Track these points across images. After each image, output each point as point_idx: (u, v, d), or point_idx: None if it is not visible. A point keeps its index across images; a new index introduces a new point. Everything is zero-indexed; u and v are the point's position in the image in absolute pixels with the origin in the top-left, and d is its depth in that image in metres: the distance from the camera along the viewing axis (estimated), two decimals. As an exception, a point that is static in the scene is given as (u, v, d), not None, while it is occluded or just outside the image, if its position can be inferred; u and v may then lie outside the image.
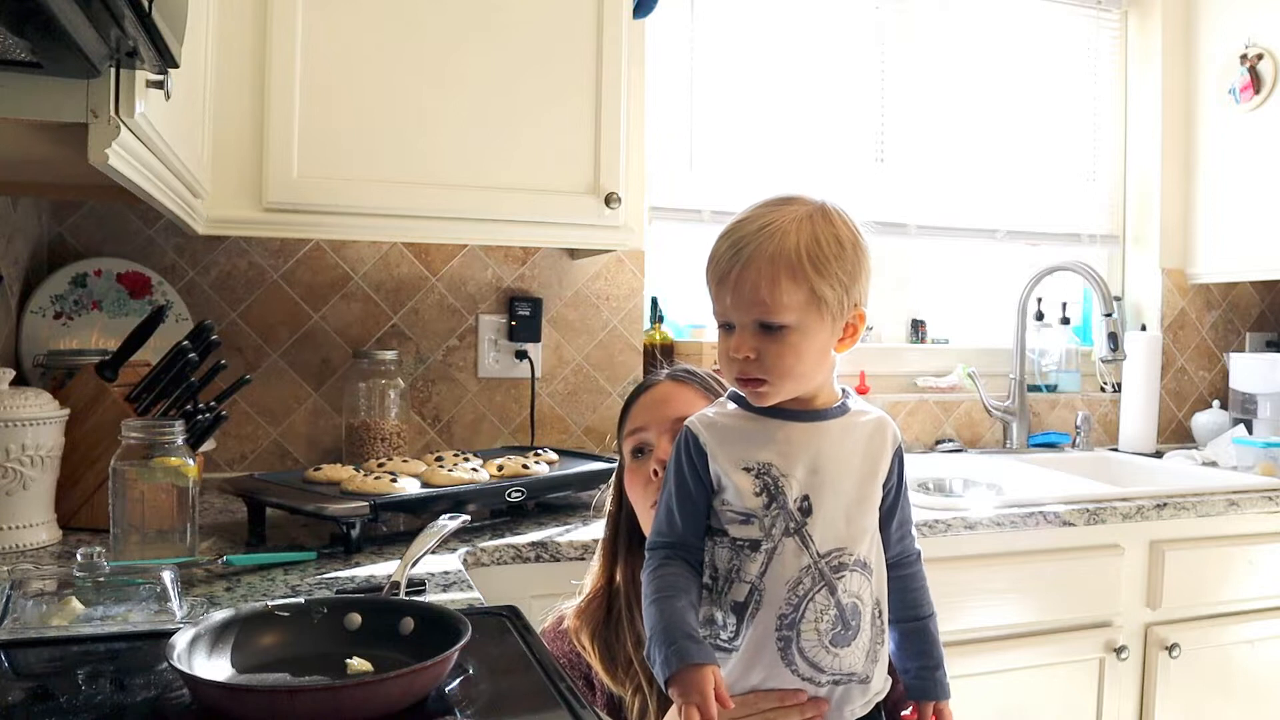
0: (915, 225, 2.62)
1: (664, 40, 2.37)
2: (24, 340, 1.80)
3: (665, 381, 1.18)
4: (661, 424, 1.13)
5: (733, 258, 0.90)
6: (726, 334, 0.93)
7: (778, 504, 0.90)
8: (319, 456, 2.04)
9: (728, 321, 0.93)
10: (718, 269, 0.92)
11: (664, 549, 0.95)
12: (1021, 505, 1.83)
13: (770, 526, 0.90)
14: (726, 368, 0.94)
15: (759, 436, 0.93)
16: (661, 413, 1.14)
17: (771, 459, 0.91)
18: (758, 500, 0.91)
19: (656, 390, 1.17)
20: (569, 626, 1.17)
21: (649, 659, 0.90)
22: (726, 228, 0.95)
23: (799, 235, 0.90)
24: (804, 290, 0.89)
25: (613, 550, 1.19)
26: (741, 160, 2.46)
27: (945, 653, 1.04)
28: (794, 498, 0.90)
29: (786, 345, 0.90)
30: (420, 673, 0.79)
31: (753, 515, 0.91)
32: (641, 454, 1.14)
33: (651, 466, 1.12)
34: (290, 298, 2.03)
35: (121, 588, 1.06)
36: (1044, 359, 2.74)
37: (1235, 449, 2.32)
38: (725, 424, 0.95)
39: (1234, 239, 2.63)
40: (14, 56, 0.83)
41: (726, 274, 0.91)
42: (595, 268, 2.26)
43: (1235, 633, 2.00)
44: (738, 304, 0.90)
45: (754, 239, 0.90)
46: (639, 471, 1.14)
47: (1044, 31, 2.76)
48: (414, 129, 1.73)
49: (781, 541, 0.90)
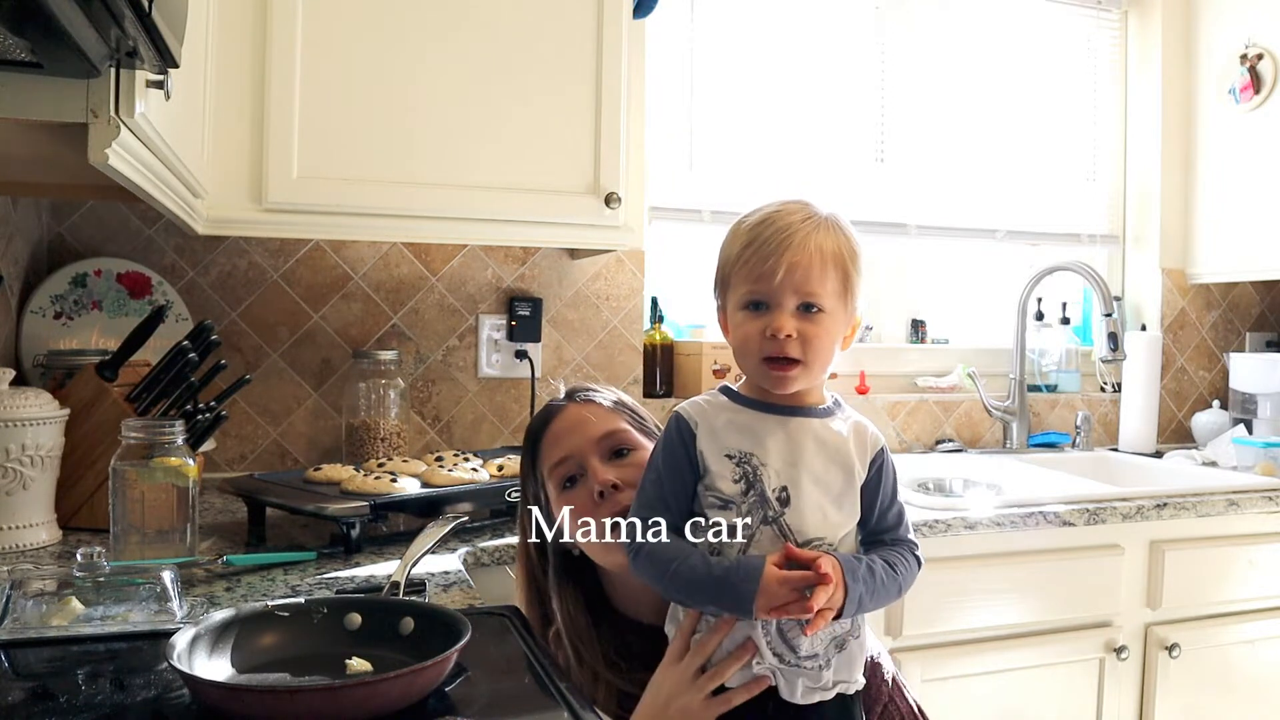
0: (915, 225, 2.62)
1: (664, 40, 2.37)
2: (24, 340, 1.80)
3: (571, 405, 1.14)
4: (588, 446, 1.10)
5: (783, 241, 0.94)
6: (756, 314, 0.95)
7: (755, 492, 0.94)
8: (319, 456, 2.04)
9: (761, 301, 0.95)
10: (763, 250, 0.94)
11: (655, 522, 0.96)
12: (1021, 505, 1.83)
13: (747, 513, 0.94)
14: (755, 348, 0.95)
15: (744, 426, 0.96)
16: (583, 435, 1.10)
17: (752, 448, 0.95)
18: (736, 487, 0.94)
19: (566, 416, 1.13)
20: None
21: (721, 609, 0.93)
22: (761, 216, 0.98)
23: (835, 231, 0.97)
24: (840, 278, 0.96)
25: (537, 591, 1.16)
26: (741, 160, 2.46)
27: (945, 653, 1.05)
28: (772, 487, 0.94)
29: (822, 328, 0.95)
30: (420, 673, 0.79)
31: (731, 501, 0.94)
32: (573, 482, 1.10)
33: (594, 488, 1.07)
34: (290, 298, 2.03)
35: (121, 588, 1.06)
36: (1044, 359, 2.74)
37: (1235, 449, 2.32)
38: (714, 412, 0.98)
39: (1234, 239, 2.63)
40: (14, 56, 0.83)
41: (775, 254, 0.94)
42: (595, 268, 2.26)
43: (1235, 632, 2.00)
44: (786, 284, 0.94)
45: (801, 228, 0.95)
46: (576, 500, 1.09)
47: (1044, 31, 2.76)
48: (414, 129, 1.73)
49: (759, 529, 0.94)
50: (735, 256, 0.97)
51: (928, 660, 1.73)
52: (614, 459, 1.10)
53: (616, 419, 1.12)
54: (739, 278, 0.97)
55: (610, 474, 1.07)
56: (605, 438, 1.10)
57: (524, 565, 1.19)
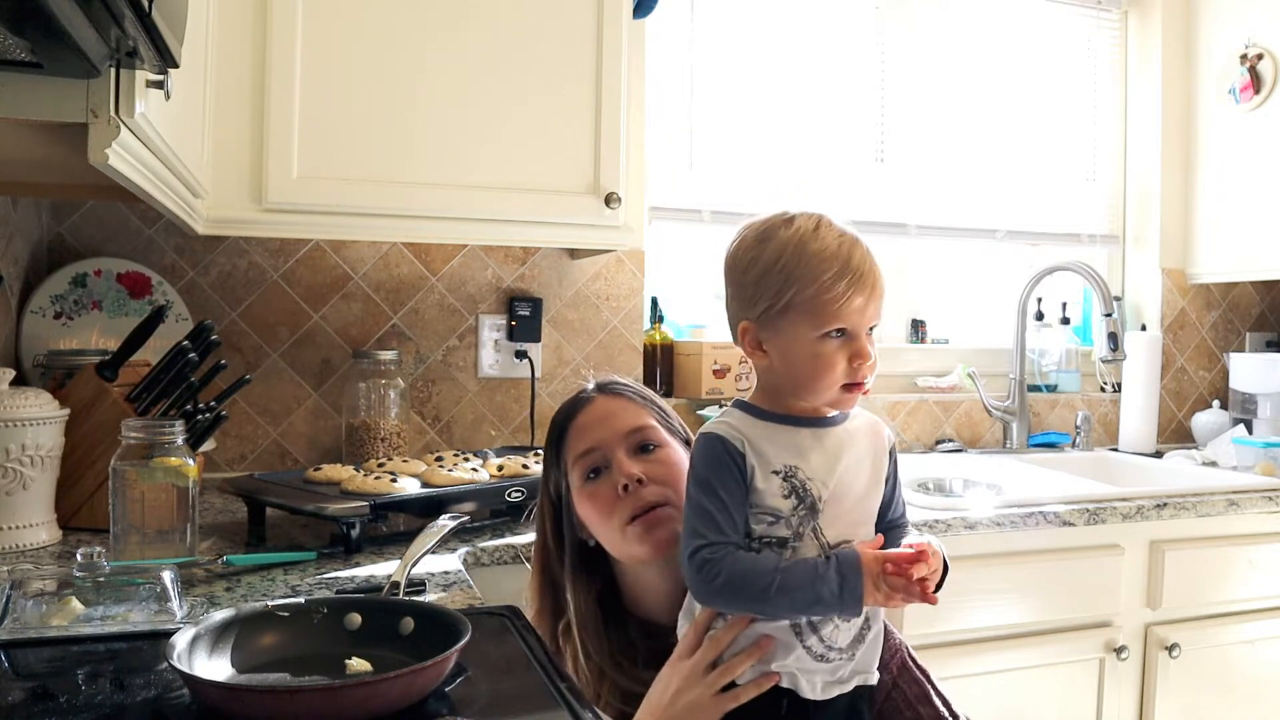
0: (915, 225, 2.62)
1: (664, 40, 2.37)
2: (24, 340, 1.79)
3: (600, 397, 1.15)
4: (614, 439, 1.10)
5: (868, 272, 0.96)
6: (842, 340, 0.96)
7: (805, 505, 0.95)
8: (319, 456, 2.04)
9: (846, 329, 0.95)
10: (855, 270, 0.95)
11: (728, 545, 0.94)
12: (1021, 505, 1.83)
13: (798, 525, 0.95)
14: (839, 374, 0.96)
15: (781, 442, 0.97)
16: (610, 428, 1.11)
17: (796, 462, 0.96)
18: (786, 502, 0.95)
19: (594, 408, 1.13)
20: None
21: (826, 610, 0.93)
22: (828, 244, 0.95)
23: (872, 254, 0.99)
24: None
25: (551, 583, 1.16)
26: (741, 160, 2.46)
27: (945, 652, 1.07)
28: (819, 497, 0.95)
29: (874, 348, 0.98)
30: (420, 673, 0.79)
31: (780, 515, 0.95)
32: (597, 474, 1.10)
33: (619, 481, 1.07)
34: (290, 298, 2.03)
35: (121, 588, 1.06)
36: (1044, 359, 2.74)
37: (1235, 449, 2.32)
38: (750, 431, 0.97)
39: (1234, 239, 2.63)
40: (14, 56, 0.83)
41: (864, 287, 0.95)
42: (595, 268, 2.26)
43: (1235, 633, 2.00)
44: (870, 314, 0.97)
45: (867, 256, 0.97)
46: (599, 493, 1.09)
47: (1044, 31, 2.76)
48: (414, 129, 1.73)
49: (804, 537, 0.95)
50: (811, 280, 0.94)
51: (928, 660, 1.71)
52: (640, 454, 1.10)
53: (644, 415, 1.13)
54: (820, 303, 0.94)
55: (636, 468, 1.08)
56: (633, 432, 1.11)
57: (540, 554, 1.18)
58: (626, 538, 1.07)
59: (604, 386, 1.17)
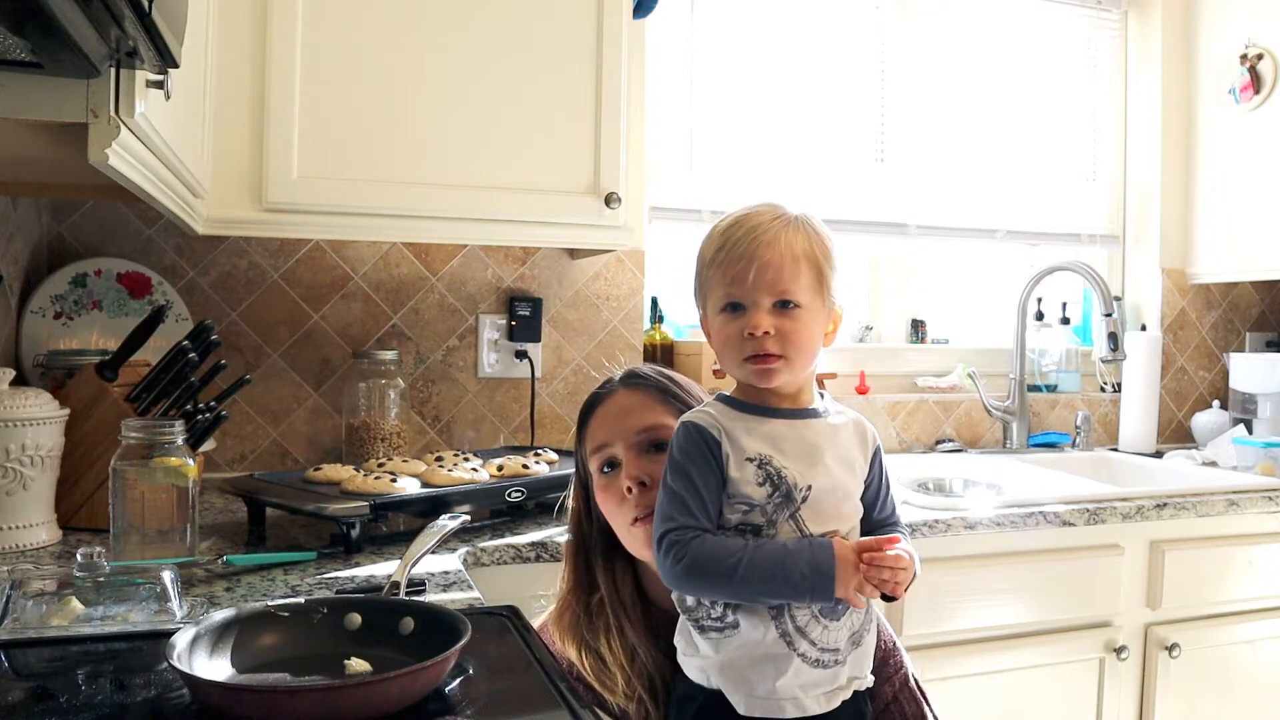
0: (915, 225, 2.62)
1: (664, 40, 2.37)
2: (24, 340, 1.80)
3: (621, 390, 1.15)
4: (626, 438, 1.10)
5: (753, 241, 0.96)
6: (734, 315, 0.97)
7: (780, 493, 0.95)
8: (319, 456, 2.04)
9: (737, 302, 0.97)
10: (734, 251, 0.97)
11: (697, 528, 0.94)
12: (1021, 505, 1.83)
13: (773, 513, 0.94)
14: (736, 348, 0.97)
15: (756, 431, 0.97)
16: (624, 425, 1.11)
17: (770, 451, 0.96)
18: (761, 490, 0.94)
19: (614, 401, 1.14)
20: (553, 641, 1.13)
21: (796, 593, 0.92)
22: (732, 220, 1.00)
23: (804, 229, 0.99)
24: (814, 273, 0.97)
25: (585, 559, 1.16)
26: (741, 160, 2.46)
27: (945, 653, 1.06)
28: (796, 486, 0.95)
29: (800, 323, 0.96)
30: (420, 673, 0.79)
31: (755, 503, 0.94)
32: (611, 468, 1.11)
33: (624, 484, 1.08)
34: (290, 298, 2.03)
35: (121, 588, 1.06)
36: (1044, 359, 2.74)
37: (1235, 449, 2.32)
38: (727, 421, 0.98)
39: (1234, 239, 2.63)
40: (14, 56, 0.83)
41: (746, 255, 0.96)
42: (595, 268, 2.26)
43: (1235, 633, 2.00)
44: (759, 283, 0.96)
45: (770, 227, 0.97)
46: (611, 488, 1.10)
47: (1044, 31, 2.76)
48: (414, 129, 1.73)
49: (780, 527, 0.95)
50: (709, 261, 0.99)
51: (928, 660, 1.73)
52: (650, 453, 1.09)
53: (661, 412, 1.11)
54: (714, 282, 0.98)
55: (642, 469, 1.07)
56: (645, 431, 1.10)
57: (575, 532, 1.18)
58: (633, 537, 1.08)
59: (627, 378, 1.16)
